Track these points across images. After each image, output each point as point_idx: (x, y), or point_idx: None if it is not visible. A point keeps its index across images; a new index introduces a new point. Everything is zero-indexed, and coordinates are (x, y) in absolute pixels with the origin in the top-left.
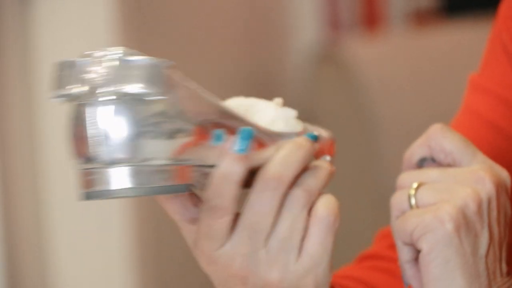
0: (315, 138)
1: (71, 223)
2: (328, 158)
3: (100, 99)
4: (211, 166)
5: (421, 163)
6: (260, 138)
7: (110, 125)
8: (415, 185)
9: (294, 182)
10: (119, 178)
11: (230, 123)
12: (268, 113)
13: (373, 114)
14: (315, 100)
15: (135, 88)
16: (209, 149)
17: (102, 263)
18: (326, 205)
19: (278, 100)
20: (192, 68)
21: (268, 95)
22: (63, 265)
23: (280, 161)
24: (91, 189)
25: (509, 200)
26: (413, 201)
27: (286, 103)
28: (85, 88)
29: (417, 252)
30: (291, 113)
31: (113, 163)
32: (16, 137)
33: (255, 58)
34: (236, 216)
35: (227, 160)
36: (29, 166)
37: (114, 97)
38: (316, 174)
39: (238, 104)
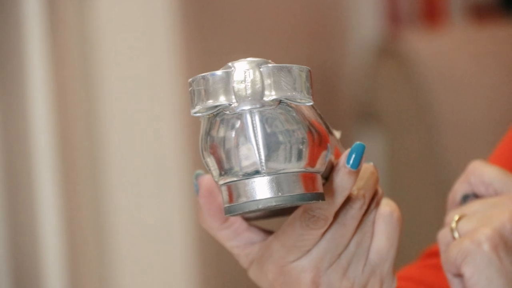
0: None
1: (132, 224)
2: (371, 163)
3: (247, 108)
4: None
5: (464, 200)
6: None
7: (261, 135)
8: (456, 217)
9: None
10: (263, 188)
11: (320, 130)
12: None
13: (433, 109)
14: (375, 95)
15: (294, 95)
16: (324, 159)
17: (162, 265)
18: (389, 204)
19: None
20: None
21: (328, 90)
22: (123, 266)
23: (365, 186)
24: (236, 202)
25: None
26: (456, 234)
27: (347, 97)
28: (237, 99)
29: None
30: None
31: (257, 173)
32: (77, 136)
33: (315, 53)
34: None
35: (342, 174)
36: (90, 166)
37: (269, 106)
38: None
39: None
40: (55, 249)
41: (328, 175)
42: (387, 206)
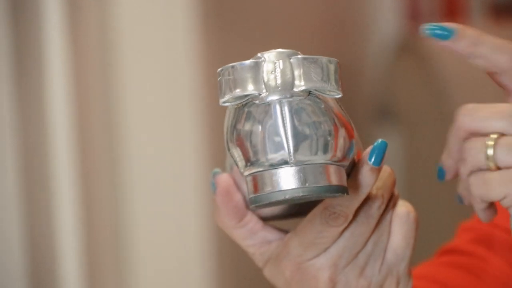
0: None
1: (150, 225)
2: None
3: (277, 98)
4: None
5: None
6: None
7: (290, 125)
8: (494, 136)
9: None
10: (290, 178)
11: (347, 124)
12: None
13: (452, 108)
14: (393, 93)
15: (323, 86)
16: (349, 153)
17: (180, 265)
18: (406, 205)
19: None
20: None
21: (347, 87)
22: (141, 266)
23: (383, 186)
24: (261, 193)
25: None
26: (491, 157)
27: (366, 94)
28: (267, 88)
29: (493, 204)
30: None
31: (284, 163)
32: (95, 133)
33: (335, 50)
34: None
35: (364, 171)
36: (109, 165)
37: (298, 97)
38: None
39: None
40: (73, 250)
41: (350, 172)
42: (403, 207)
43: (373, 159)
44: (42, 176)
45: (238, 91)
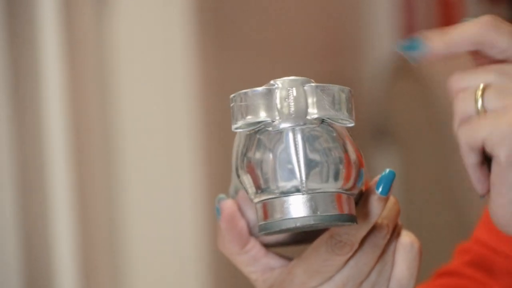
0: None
1: (144, 223)
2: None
3: (290, 126)
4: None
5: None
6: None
7: (302, 153)
8: (481, 86)
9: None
10: (301, 206)
11: (357, 153)
12: None
13: (448, 128)
14: (390, 113)
15: (336, 114)
16: (358, 182)
17: (174, 268)
18: (409, 235)
19: None
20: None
21: None
22: (136, 268)
23: (388, 216)
24: (272, 220)
25: None
26: (479, 103)
27: (362, 115)
28: (281, 115)
29: (484, 157)
30: None
31: (296, 191)
32: (90, 137)
33: (331, 70)
34: None
35: (372, 200)
36: (104, 167)
37: (311, 125)
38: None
39: None
40: (68, 250)
41: (357, 201)
42: (407, 237)
43: (380, 189)
44: (38, 177)
45: (250, 118)
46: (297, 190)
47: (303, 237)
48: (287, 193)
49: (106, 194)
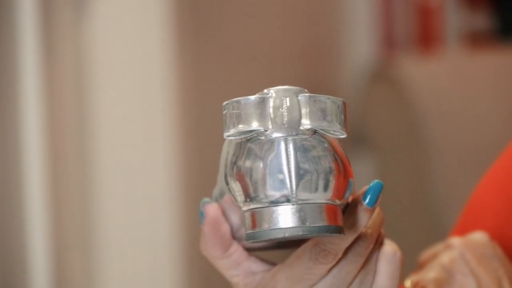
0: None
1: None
2: None
3: (283, 136)
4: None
5: None
6: None
7: (294, 163)
8: (408, 283)
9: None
10: (289, 217)
11: (347, 164)
12: None
13: (425, 134)
14: (367, 119)
15: (329, 126)
16: (347, 193)
17: (150, 272)
18: (391, 245)
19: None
20: (246, 84)
21: None
22: (110, 271)
23: (372, 225)
24: (260, 229)
25: None
26: None
27: None
28: (274, 125)
29: None
30: None
31: (286, 201)
32: (66, 136)
33: (308, 76)
34: None
35: (358, 211)
36: (79, 168)
37: (303, 135)
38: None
39: None
40: (42, 250)
41: (343, 210)
42: (390, 246)
43: (367, 200)
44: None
45: (242, 127)
46: (287, 200)
47: (286, 243)
48: (276, 202)
49: (81, 194)
